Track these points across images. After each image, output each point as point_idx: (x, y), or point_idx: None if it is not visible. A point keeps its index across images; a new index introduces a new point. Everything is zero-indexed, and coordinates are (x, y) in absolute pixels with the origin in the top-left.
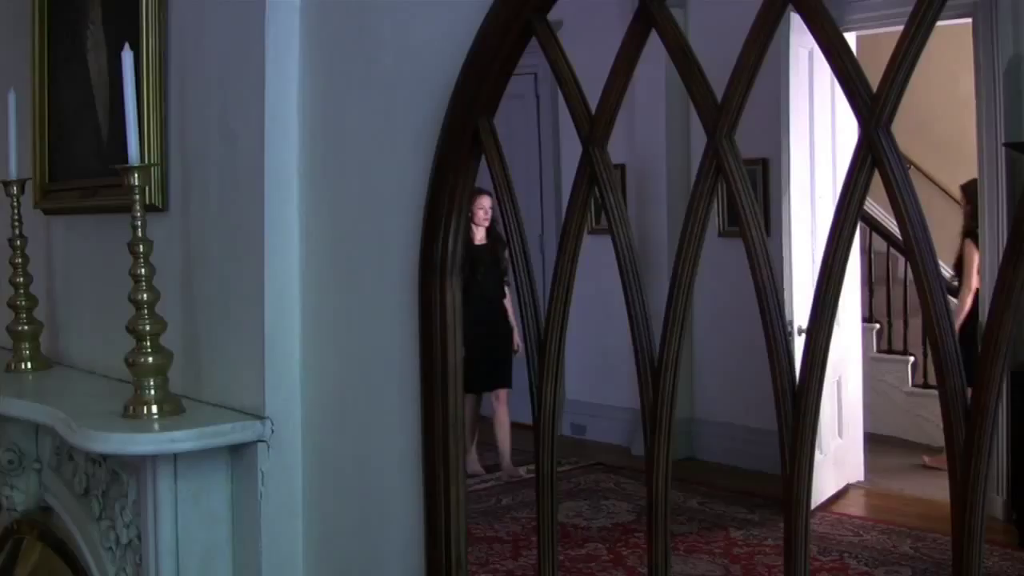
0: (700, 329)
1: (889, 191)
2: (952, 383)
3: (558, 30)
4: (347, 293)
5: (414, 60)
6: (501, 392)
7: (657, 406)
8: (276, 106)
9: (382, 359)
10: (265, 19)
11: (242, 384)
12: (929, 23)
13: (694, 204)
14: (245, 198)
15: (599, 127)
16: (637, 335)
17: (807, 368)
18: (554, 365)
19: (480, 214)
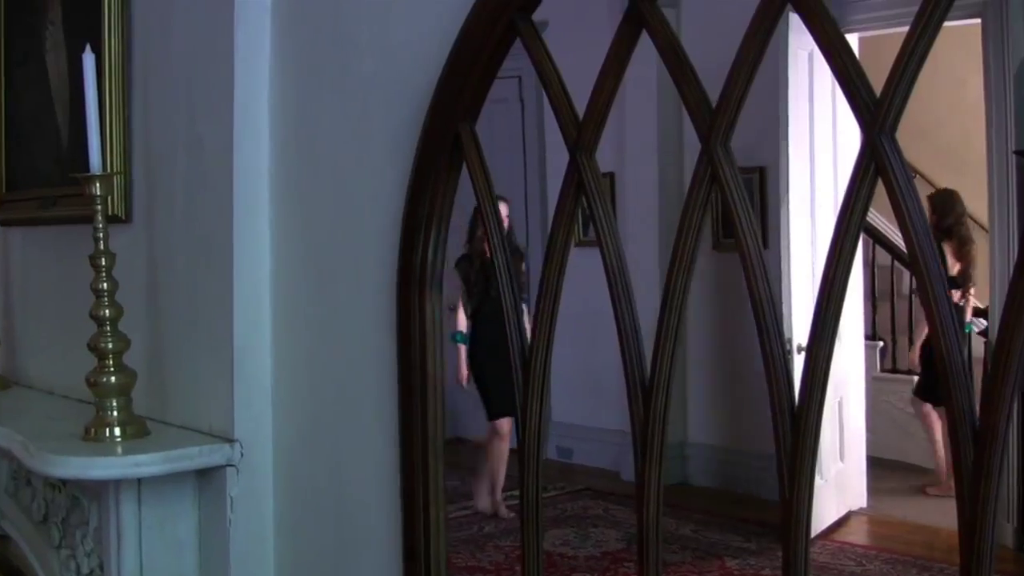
0: (694, 347)
1: (893, 201)
2: (960, 402)
3: (544, 30)
4: (321, 307)
5: (392, 62)
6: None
7: (648, 428)
8: (246, 110)
9: (358, 376)
10: (234, 19)
11: (210, 405)
12: (936, 23)
13: (687, 215)
14: (213, 208)
15: (587, 133)
16: (627, 353)
17: (807, 388)
18: (539, 385)
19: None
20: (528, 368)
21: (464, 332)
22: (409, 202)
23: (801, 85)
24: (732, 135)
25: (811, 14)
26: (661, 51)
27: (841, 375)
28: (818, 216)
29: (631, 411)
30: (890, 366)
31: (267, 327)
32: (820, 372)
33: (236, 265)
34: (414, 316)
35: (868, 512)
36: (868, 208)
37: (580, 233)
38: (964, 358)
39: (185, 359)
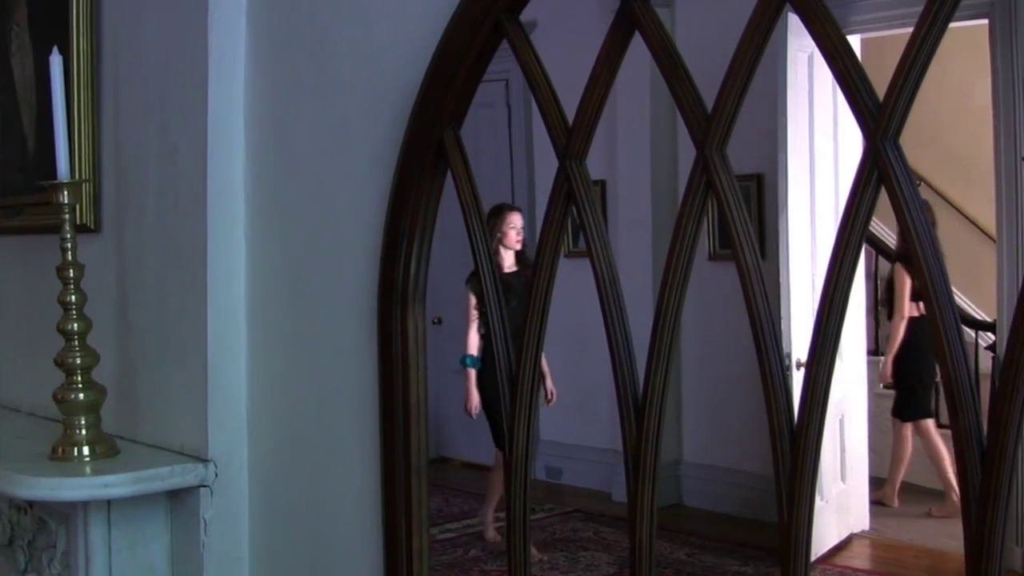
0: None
1: (897, 210)
2: (966, 421)
3: (531, 31)
4: (299, 323)
5: (373, 65)
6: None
7: (641, 447)
8: (220, 116)
9: (338, 395)
10: (207, 19)
11: (182, 423)
12: (941, 24)
13: (682, 224)
14: (186, 217)
15: (577, 139)
16: (619, 368)
17: (806, 406)
18: (527, 402)
19: (512, 235)
20: (515, 385)
21: (475, 355)
22: (391, 212)
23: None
24: (728, 141)
25: (811, 14)
26: (654, 53)
27: (842, 392)
28: (818, 226)
29: (623, 429)
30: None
31: (242, 342)
32: (820, 389)
33: (210, 277)
34: (396, 333)
35: (871, 535)
36: (871, 218)
37: (570, 244)
38: (970, 375)
39: (157, 375)
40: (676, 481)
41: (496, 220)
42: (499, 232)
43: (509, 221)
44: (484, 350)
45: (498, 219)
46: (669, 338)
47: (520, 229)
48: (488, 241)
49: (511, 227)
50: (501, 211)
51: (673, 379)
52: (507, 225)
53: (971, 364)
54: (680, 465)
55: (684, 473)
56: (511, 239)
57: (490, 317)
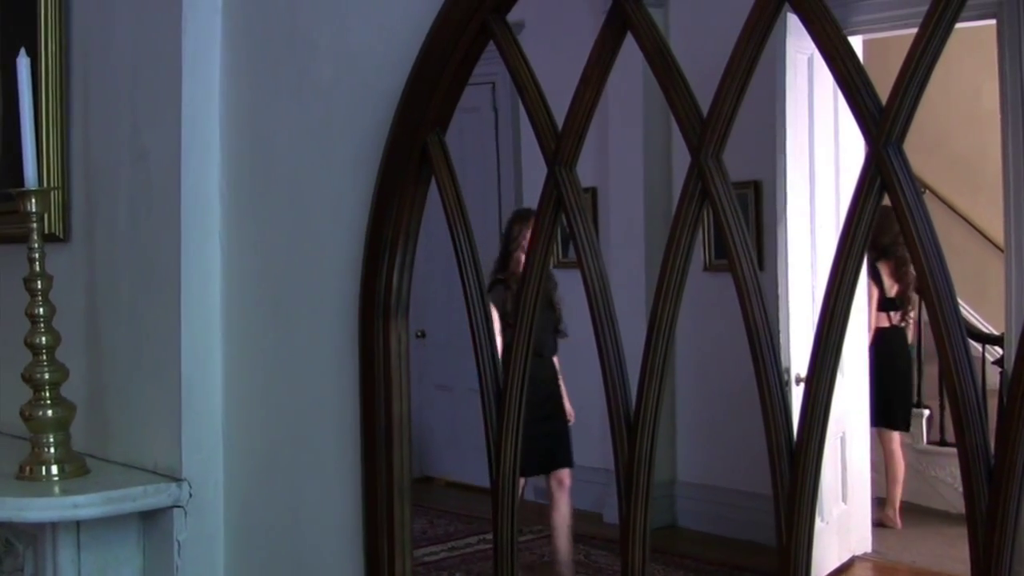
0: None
1: (901, 219)
2: (973, 439)
3: (519, 33)
4: (277, 336)
5: (354, 67)
6: (563, 474)
7: (633, 466)
8: (194, 119)
9: (317, 412)
10: (182, 20)
11: (155, 441)
12: (947, 25)
13: (676, 234)
14: (159, 226)
15: (566, 144)
16: (610, 385)
17: (806, 423)
18: (515, 420)
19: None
20: (502, 401)
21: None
22: (373, 220)
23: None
24: (725, 147)
25: (811, 15)
26: (647, 55)
27: (843, 409)
28: (818, 235)
29: (615, 448)
30: None
31: (218, 357)
32: (821, 405)
33: (184, 289)
34: (378, 346)
35: (873, 557)
36: (873, 227)
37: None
38: (977, 391)
39: (128, 391)
40: (670, 502)
41: (521, 226)
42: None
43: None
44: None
45: (523, 225)
46: (663, 353)
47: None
48: (474, 251)
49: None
50: (527, 216)
51: (667, 395)
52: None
53: (978, 379)
54: (674, 485)
55: (679, 493)
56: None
57: (474, 331)
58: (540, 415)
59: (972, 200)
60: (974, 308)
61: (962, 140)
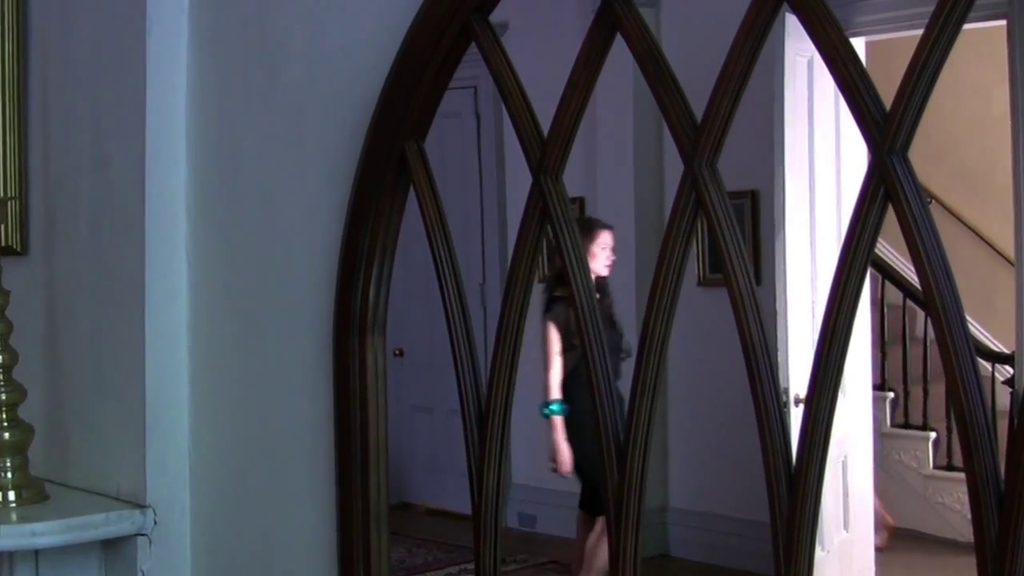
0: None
1: (905, 230)
2: (982, 463)
3: (503, 34)
4: (247, 354)
5: (327, 70)
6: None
7: (623, 492)
8: (159, 126)
9: (289, 435)
10: (146, 19)
11: (118, 465)
12: (955, 26)
13: (668, 246)
14: (122, 238)
15: (553, 152)
16: (600, 407)
17: (806, 446)
18: (498, 443)
19: (601, 257)
20: (484, 423)
21: (560, 399)
22: (348, 232)
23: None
24: (720, 154)
25: (811, 15)
26: (638, 57)
27: (845, 431)
28: (819, 248)
29: (604, 473)
30: (902, 420)
31: (184, 376)
32: (821, 427)
33: (148, 305)
34: (353, 365)
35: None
36: (876, 239)
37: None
38: (986, 413)
39: (90, 413)
40: (662, 529)
41: (583, 239)
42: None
43: (599, 240)
44: (567, 393)
45: (585, 237)
46: (654, 371)
47: (612, 250)
48: (455, 265)
49: (601, 247)
50: (590, 227)
51: (659, 417)
52: (596, 245)
53: (987, 400)
54: (667, 512)
55: (671, 521)
56: (599, 262)
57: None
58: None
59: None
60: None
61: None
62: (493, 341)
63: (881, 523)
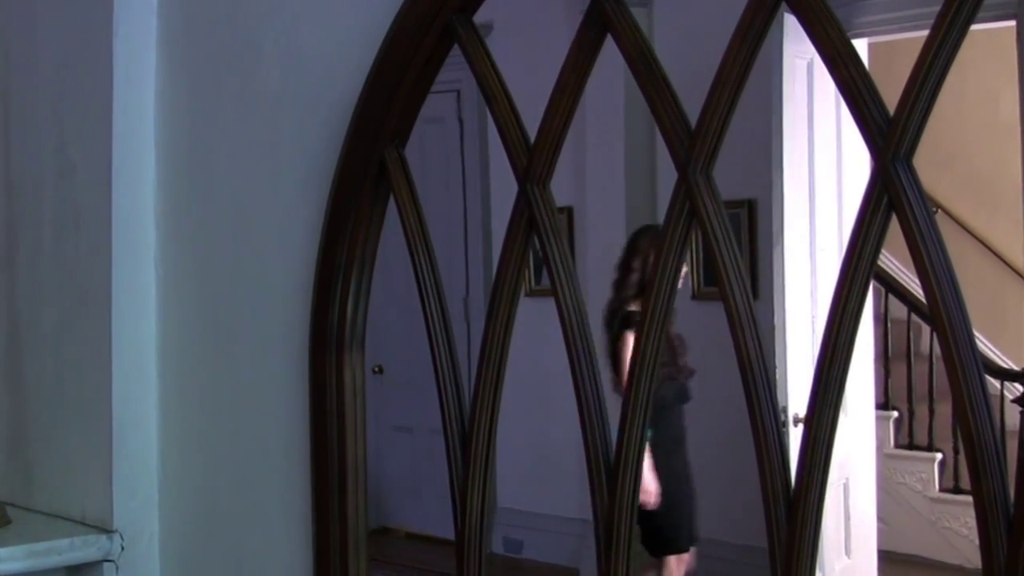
0: None
1: (910, 241)
2: (990, 486)
3: (487, 35)
4: (218, 372)
5: (303, 74)
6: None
7: (614, 516)
8: (127, 133)
9: (263, 456)
10: (113, 21)
11: (84, 488)
12: (962, 26)
13: (661, 259)
14: (87, 250)
15: (540, 159)
16: (588, 425)
17: (805, 467)
18: (482, 465)
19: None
20: (468, 444)
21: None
22: (324, 244)
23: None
24: (715, 161)
25: (811, 15)
26: (629, 59)
27: (847, 452)
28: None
29: (593, 495)
30: (906, 441)
31: (153, 395)
32: (822, 448)
33: (115, 320)
34: (330, 383)
35: None
36: (879, 250)
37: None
38: (995, 433)
39: (54, 433)
40: None
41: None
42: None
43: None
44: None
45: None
46: (646, 389)
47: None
48: (437, 278)
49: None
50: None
51: None
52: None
53: (995, 420)
54: None
55: None
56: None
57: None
58: (684, 478)
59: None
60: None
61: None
62: (477, 358)
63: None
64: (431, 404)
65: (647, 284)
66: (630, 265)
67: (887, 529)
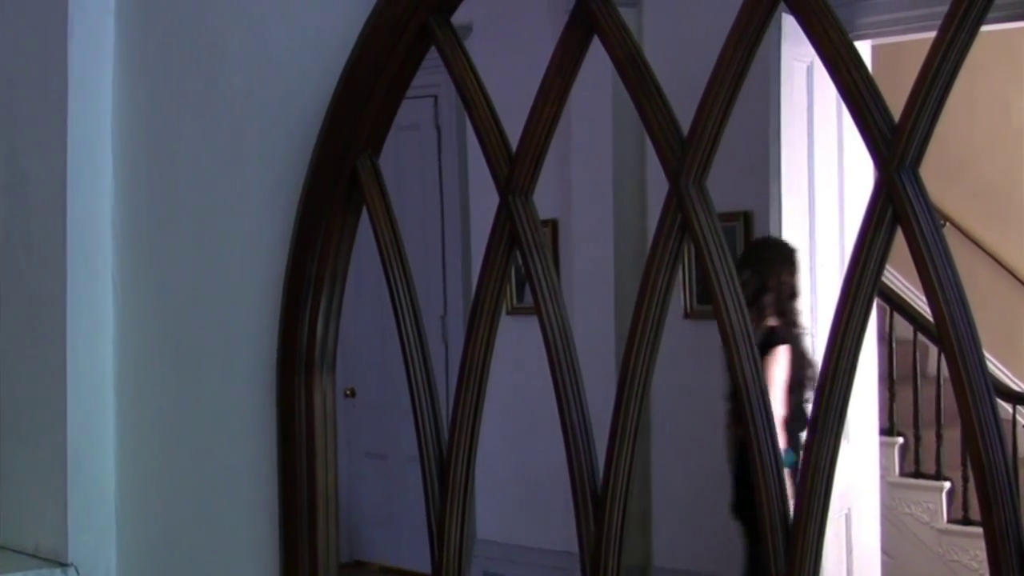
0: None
1: (916, 256)
2: (1001, 515)
3: (467, 37)
4: (180, 395)
5: (271, 78)
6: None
7: (601, 549)
8: (83, 141)
9: (227, 485)
10: (68, 21)
11: (37, 520)
12: (971, 27)
13: (651, 274)
14: (40, 267)
15: (522, 169)
16: (574, 452)
17: (805, 498)
18: (461, 494)
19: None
20: (446, 472)
21: (787, 447)
22: (293, 259)
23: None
24: (709, 171)
25: (811, 15)
26: (617, 63)
27: (849, 480)
28: (819, 276)
29: (579, 527)
30: (912, 469)
31: (110, 420)
32: (822, 476)
33: (70, 340)
34: (299, 407)
35: None
36: (884, 265)
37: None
38: (1006, 459)
39: (4, 461)
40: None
41: (788, 265)
42: (793, 284)
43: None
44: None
45: (787, 267)
46: (635, 414)
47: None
48: (413, 295)
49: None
50: (791, 255)
51: (640, 464)
52: (798, 276)
53: (1007, 446)
54: (649, 570)
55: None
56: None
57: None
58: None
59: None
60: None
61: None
62: (456, 380)
63: None
64: (406, 429)
65: (783, 299)
66: (766, 284)
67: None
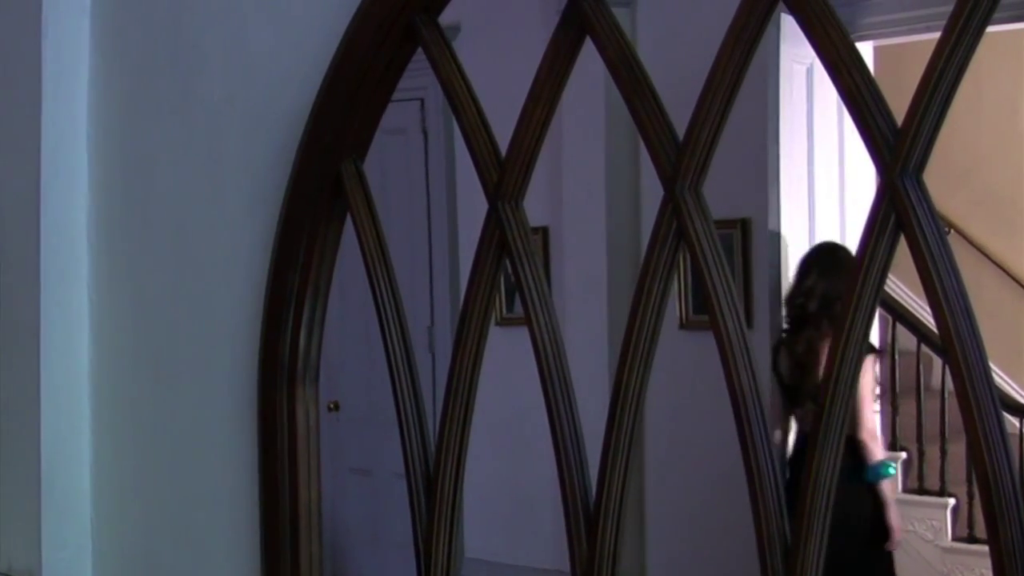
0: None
1: (920, 265)
2: (1009, 533)
3: (455, 38)
4: (158, 409)
5: (252, 80)
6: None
7: (594, 568)
8: (57, 146)
9: (207, 502)
10: (41, 22)
11: (9, 538)
12: (977, 28)
13: (645, 283)
14: (13, 277)
15: (512, 175)
16: (565, 468)
17: (804, 514)
18: (448, 511)
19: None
20: (433, 488)
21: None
22: (275, 268)
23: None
24: (705, 177)
25: (811, 16)
26: (610, 65)
27: None
28: None
29: (571, 546)
30: (916, 485)
31: (86, 435)
32: (822, 493)
33: (44, 352)
34: (281, 421)
35: None
36: (886, 275)
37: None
38: (1013, 475)
39: None
40: None
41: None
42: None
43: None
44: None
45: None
46: (629, 428)
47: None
48: (399, 305)
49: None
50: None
51: (634, 481)
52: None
53: (1014, 461)
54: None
55: None
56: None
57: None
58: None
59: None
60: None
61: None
62: (443, 393)
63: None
64: (392, 444)
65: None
66: (839, 290)
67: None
